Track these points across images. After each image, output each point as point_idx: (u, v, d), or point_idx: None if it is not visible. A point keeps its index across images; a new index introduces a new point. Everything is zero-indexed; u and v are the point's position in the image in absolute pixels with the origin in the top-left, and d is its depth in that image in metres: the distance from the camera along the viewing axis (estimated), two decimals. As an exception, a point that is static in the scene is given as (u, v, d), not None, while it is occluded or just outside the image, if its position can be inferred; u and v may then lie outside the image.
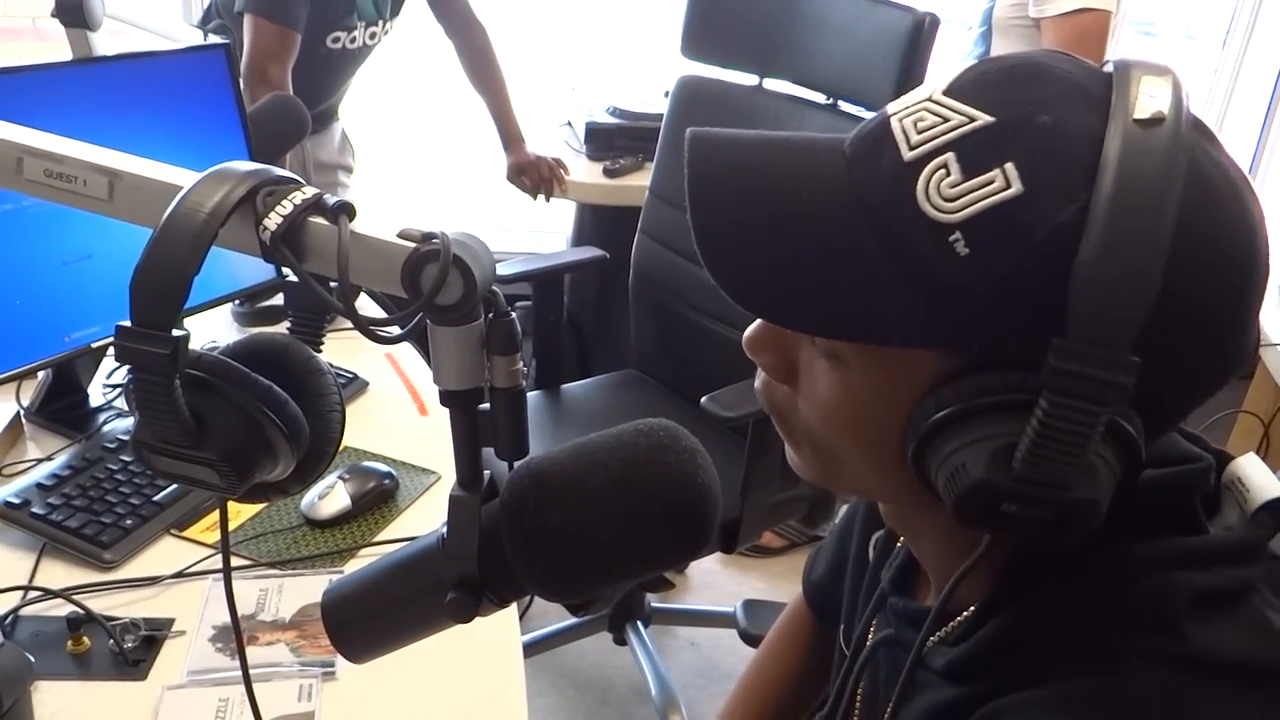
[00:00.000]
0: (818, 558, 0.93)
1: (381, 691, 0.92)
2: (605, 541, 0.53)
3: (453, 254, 0.51)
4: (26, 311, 1.16)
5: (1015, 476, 0.48)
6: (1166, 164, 0.47)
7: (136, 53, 1.32)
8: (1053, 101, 0.50)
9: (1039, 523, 0.49)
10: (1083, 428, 0.46)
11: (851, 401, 0.56)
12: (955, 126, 0.50)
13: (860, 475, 0.60)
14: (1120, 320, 0.46)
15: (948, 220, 0.49)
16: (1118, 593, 0.53)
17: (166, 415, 0.53)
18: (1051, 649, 0.53)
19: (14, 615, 0.96)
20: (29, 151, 0.56)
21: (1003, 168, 0.48)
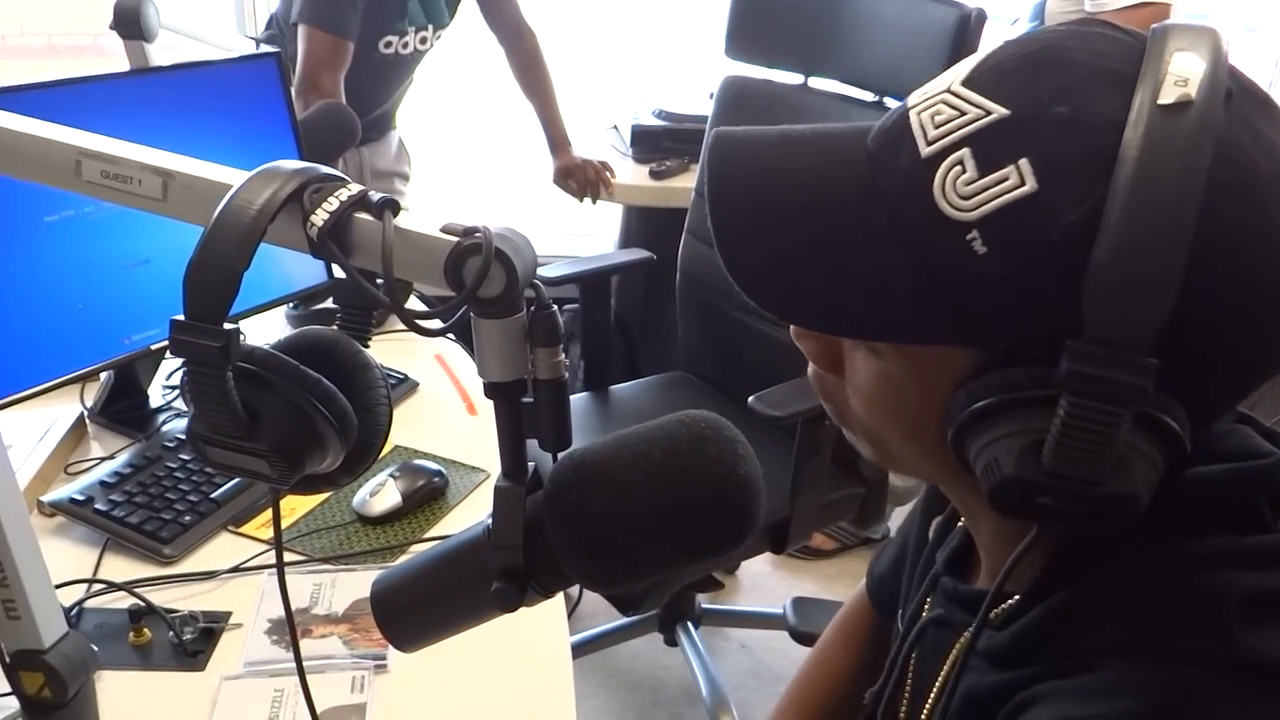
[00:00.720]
0: (884, 552, 0.93)
1: (432, 685, 0.94)
2: (647, 532, 0.53)
3: (495, 247, 0.52)
4: (89, 315, 1.20)
5: (1045, 471, 0.48)
6: (1190, 153, 0.45)
7: (190, 62, 1.36)
8: (1072, 90, 0.48)
9: (1077, 514, 0.49)
10: (1105, 426, 0.46)
11: (890, 391, 0.56)
12: (971, 120, 0.49)
13: (911, 459, 0.60)
14: (1136, 322, 0.45)
15: (964, 219, 0.48)
16: (1165, 588, 0.52)
17: (219, 407, 0.54)
18: (1093, 640, 0.53)
19: (79, 607, 0.99)
20: (86, 154, 0.58)
21: (1017, 164, 0.47)
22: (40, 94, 1.16)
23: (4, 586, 0.74)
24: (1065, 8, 2.11)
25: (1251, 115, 0.49)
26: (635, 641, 2.10)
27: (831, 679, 0.95)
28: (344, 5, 1.94)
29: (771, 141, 0.58)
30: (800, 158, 0.57)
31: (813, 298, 0.54)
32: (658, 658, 2.11)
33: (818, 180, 0.55)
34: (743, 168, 0.57)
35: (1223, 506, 0.54)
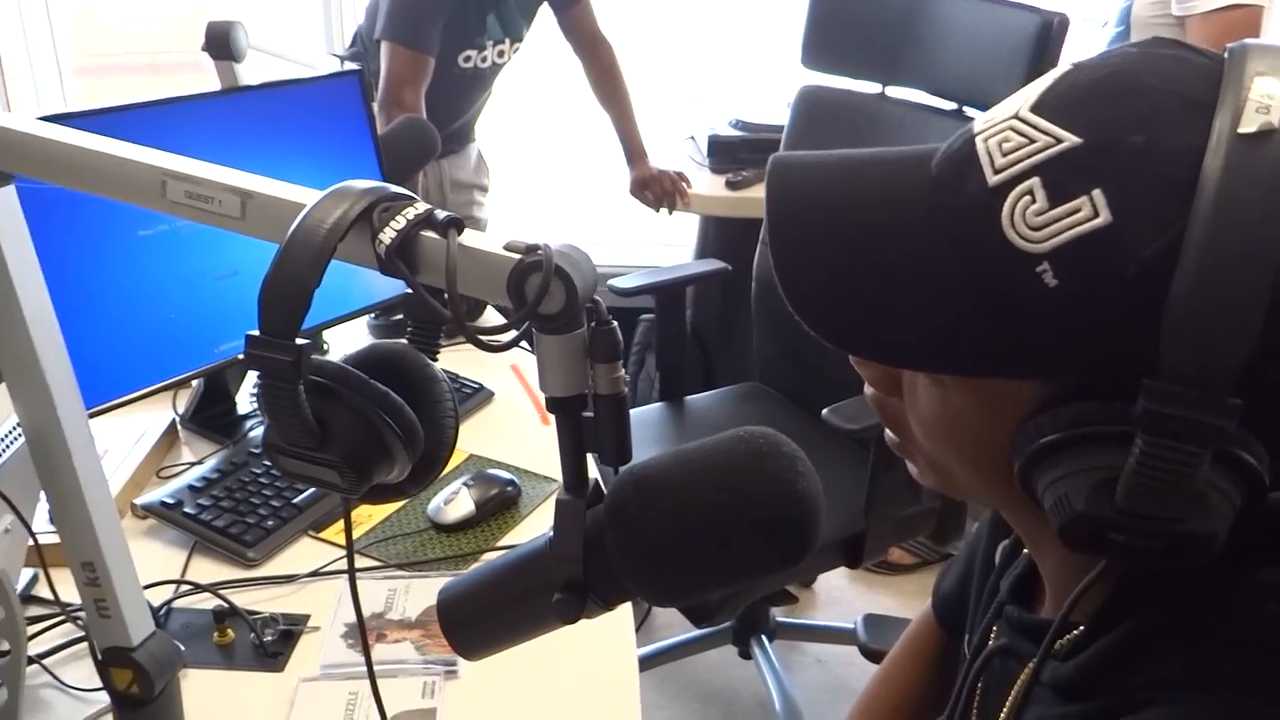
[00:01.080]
0: (949, 570, 0.92)
1: (500, 691, 0.95)
2: (704, 548, 0.53)
3: (555, 264, 0.52)
4: (180, 325, 1.25)
5: (1119, 509, 0.46)
6: (1273, 183, 0.43)
7: (276, 81, 1.40)
8: (1147, 118, 0.46)
9: (1150, 551, 0.48)
10: (1183, 467, 0.44)
11: (952, 420, 0.55)
12: (1041, 148, 0.48)
13: (973, 487, 0.59)
14: (1216, 362, 0.43)
15: (1035, 250, 0.47)
16: (1234, 619, 0.50)
17: (292, 419, 0.56)
18: (1159, 672, 0.51)
19: (167, 607, 1.04)
20: (171, 175, 0.61)
21: (1090, 195, 0.46)
22: (136, 113, 1.22)
23: (96, 587, 0.78)
24: (1152, 12, 2.05)
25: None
26: (710, 653, 2.09)
27: (898, 696, 0.94)
28: (425, 22, 1.98)
29: (831, 165, 0.57)
30: (861, 181, 0.56)
31: (872, 327, 0.53)
32: (732, 670, 2.10)
33: (879, 204, 0.54)
34: (802, 191, 0.56)
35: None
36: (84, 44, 4.49)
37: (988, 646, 0.69)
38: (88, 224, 1.16)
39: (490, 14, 2.12)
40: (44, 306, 0.72)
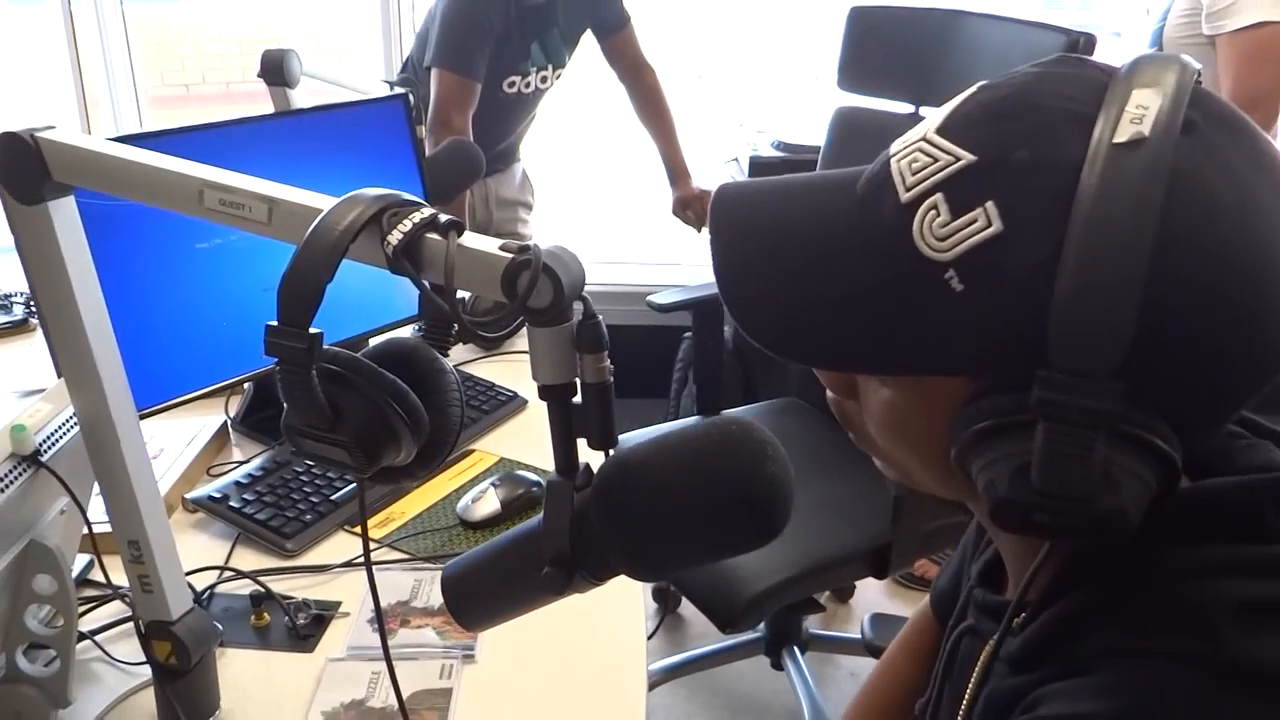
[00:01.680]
0: (946, 567, 0.95)
1: (514, 675, 1.00)
2: (678, 524, 0.58)
3: (543, 263, 0.58)
4: (233, 332, 1.33)
5: (1036, 491, 0.50)
6: (1143, 188, 0.47)
7: (325, 105, 1.49)
8: (1035, 133, 0.50)
9: (1075, 529, 0.51)
10: (1080, 449, 0.48)
11: (900, 417, 0.59)
12: (943, 167, 0.52)
13: (929, 481, 0.63)
14: (1098, 351, 0.47)
15: (942, 259, 0.51)
16: (1162, 594, 0.53)
17: (306, 401, 0.62)
18: (1093, 643, 0.54)
19: (210, 591, 1.11)
20: (208, 184, 0.68)
21: (984, 206, 0.50)
22: (195, 135, 1.31)
23: (140, 564, 0.85)
24: (1183, 32, 2.05)
25: (1218, 143, 0.50)
26: (741, 663, 2.12)
27: (895, 687, 0.96)
28: (472, 49, 2.07)
29: (767, 191, 0.62)
30: (795, 204, 0.61)
31: (812, 337, 0.58)
32: (764, 681, 2.12)
33: (811, 225, 0.59)
34: (740, 216, 0.61)
35: (1228, 517, 0.55)
36: (163, 74, 4.71)
37: (959, 628, 0.73)
38: (149, 238, 1.25)
39: (534, 42, 2.21)
40: (99, 309, 0.80)
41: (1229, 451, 0.60)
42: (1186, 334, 0.49)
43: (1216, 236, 0.48)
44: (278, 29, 5.07)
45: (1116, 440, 0.49)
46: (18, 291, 1.86)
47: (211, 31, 5.07)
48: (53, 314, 0.79)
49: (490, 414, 1.49)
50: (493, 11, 2.09)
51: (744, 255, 0.60)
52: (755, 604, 1.57)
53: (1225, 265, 0.48)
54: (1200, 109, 0.50)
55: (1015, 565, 0.66)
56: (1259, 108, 1.98)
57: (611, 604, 1.10)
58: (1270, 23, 1.91)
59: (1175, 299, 0.48)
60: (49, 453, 0.85)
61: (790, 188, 0.63)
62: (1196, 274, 0.48)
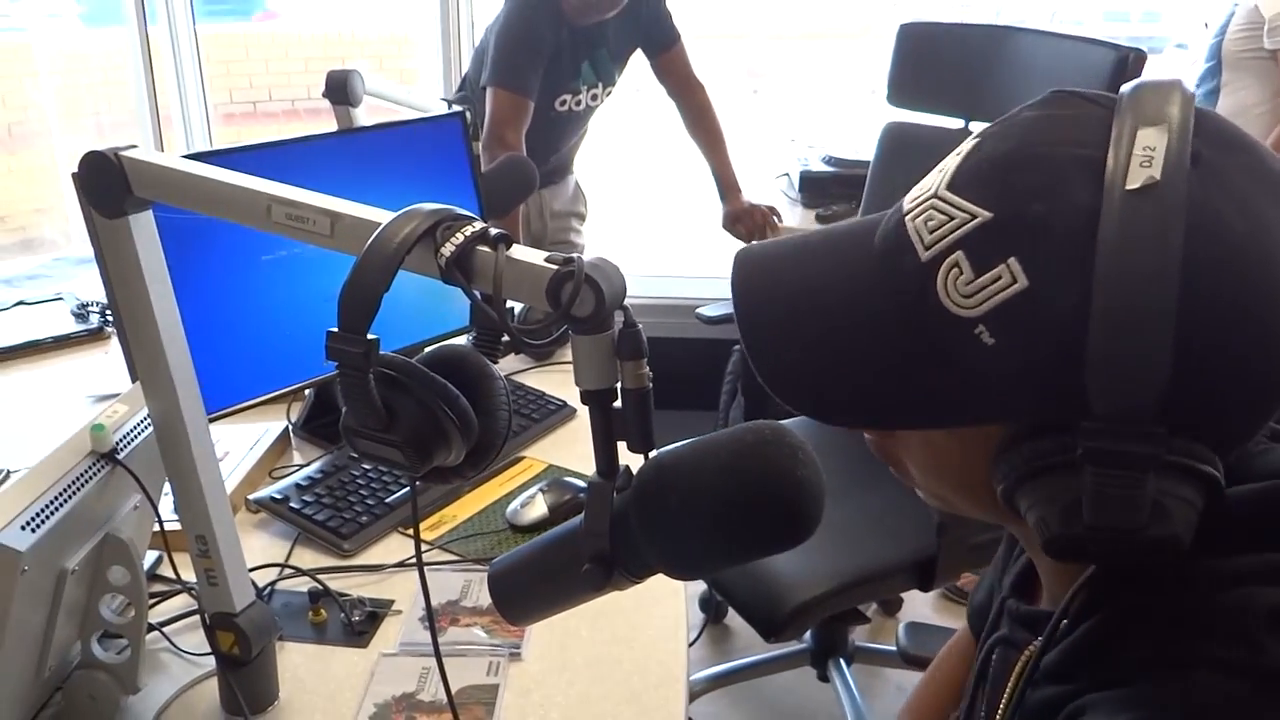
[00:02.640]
0: (981, 582, 0.95)
1: (558, 674, 1.03)
2: (714, 522, 0.60)
3: (586, 274, 0.61)
4: (297, 340, 1.39)
5: (1088, 526, 0.51)
6: (1161, 235, 0.48)
7: (387, 123, 1.55)
8: (1049, 185, 0.51)
9: (1128, 557, 0.52)
10: (1130, 489, 0.49)
11: (939, 459, 0.61)
12: (960, 224, 0.53)
13: (970, 509, 0.64)
14: (1136, 400, 0.48)
15: (970, 315, 0.52)
16: (1196, 604, 0.54)
17: (363, 403, 0.66)
18: (1132, 654, 0.55)
19: (271, 587, 1.16)
20: (275, 200, 0.72)
21: (1007, 263, 0.51)
22: (263, 153, 1.37)
23: (206, 558, 0.90)
24: (1243, 46, 2.03)
25: (1226, 170, 0.51)
26: (787, 674, 2.13)
27: (938, 703, 0.97)
28: (526, 68, 2.13)
29: (786, 254, 0.64)
30: (817, 269, 0.62)
31: (844, 396, 0.59)
32: (811, 692, 2.13)
33: (837, 292, 0.60)
34: (762, 284, 0.63)
35: (1254, 524, 0.56)
36: (231, 92, 4.87)
37: (992, 638, 0.74)
38: (219, 250, 1.31)
39: (584, 61, 2.26)
40: (173, 316, 0.85)
41: (1246, 457, 0.60)
42: (1218, 366, 0.50)
43: (1236, 267, 0.49)
44: (342, 47, 5.21)
45: (1162, 472, 0.50)
46: (94, 301, 1.94)
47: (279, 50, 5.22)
48: (130, 321, 0.84)
49: (540, 422, 1.52)
50: (545, 33, 2.15)
51: (772, 325, 0.61)
52: (799, 614, 1.58)
53: (1248, 293, 0.49)
54: (1203, 136, 0.51)
55: (1050, 577, 0.67)
56: None
57: (654, 609, 1.13)
58: None
59: (1204, 334, 0.49)
60: (125, 451, 0.90)
61: (809, 247, 0.64)
62: (1221, 307, 0.49)
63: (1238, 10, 2.07)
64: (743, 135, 2.61)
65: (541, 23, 2.15)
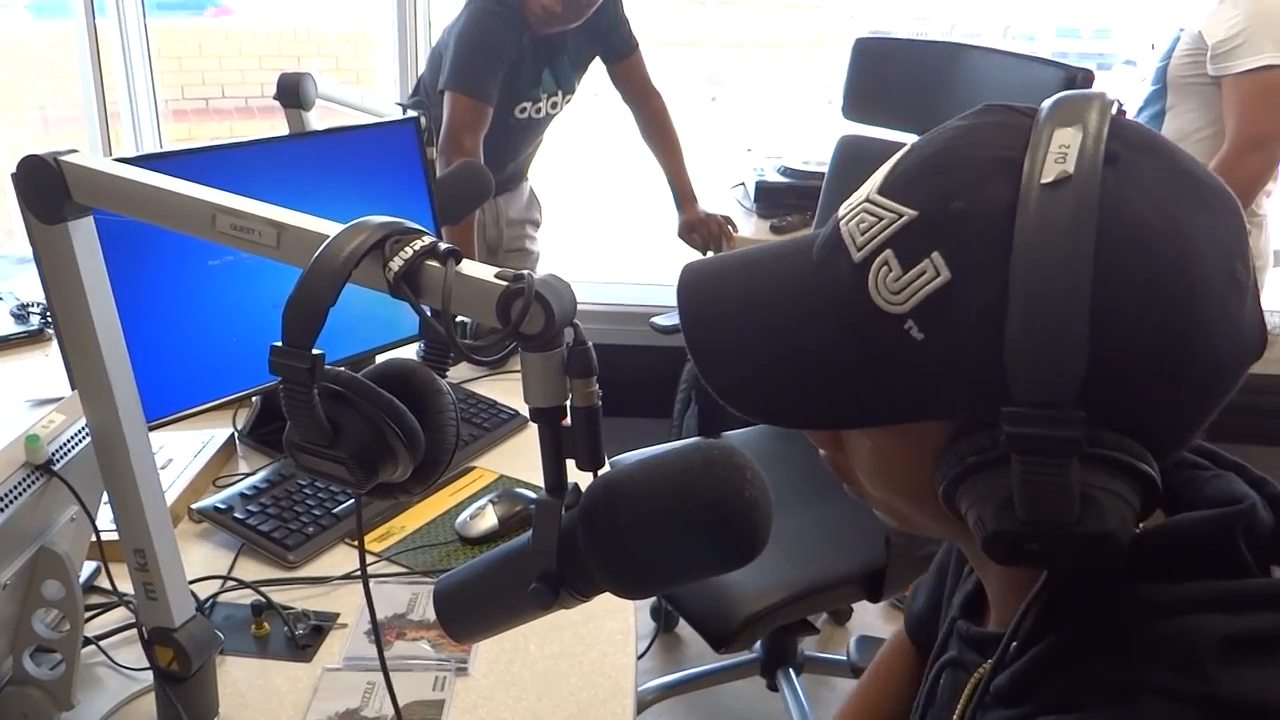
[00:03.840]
0: (918, 591, 0.96)
1: (505, 688, 1.03)
2: (661, 542, 0.60)
3: (536, 291, 0.61)
4: (244, 346, 1.36)
5: (1023, 521, 0.52)
6: (1074, 225, 0.49)
7: (339, 128, 1.53)
8: (969, 184, 0.53)
9: (1066, 555, 0.53)
10: (1055, 477, 0.50)
11: (885, 463, 0.61)
12: (888, 224, 0.55)
13: (923, 522, 0.64)
14: (1056, 384, 0.49)
15: (900, 311, 0.54)
16: (1148, 630, 0.55)
17: (307, 418, 0.65)
18: (1083, 678, 0.56)
19: (213, 600, 1.14)
20: (220, 209, 0.71)
21: (931, 258, 0.52)
22: (212, 155, 1.35)
23: (145, 571, 0.88)
24: (1188, 71, 2.08)
25: (1143, 170, 0.52)
26: (738, 683, 2.13)
27: (872, 711, 0.98)
28: (485, 74, 2.11)
29: (733, 269, 0.65)
30: (759, 278, 0.63)
31: (789, 400, 0.60)
32: (760, 702, 2.14)
33: (777, 296, 0.61)
34: (707, 297, 0.64)
35: (1204, 551, 0.57)
36: (183, 88, 4.79)
37: (940, 660, 0.75)
38: (163, 254, 1.28)
39: (545, 69, 2.25)
40: (113, 324, 0.83)
41: (1195, 483, 0.62)
42: (1136, 357, 0.51)
43: (1150, 263, 0.50)
44: (298, 45, 5.15)
45: (1090, 464, 0.50)
46: (34, 302, 1.90)
47: (232, 47, 5.15)
48: (68, 328, 0.82)
49: (491, 432, 1.51)
50: (506, 39, 2.14)
51: (715, 332, 0.62)
52: (749, 625, 1.59)
53: (1161, 281, 0.50)
54: (1120, 139, 0.52)
55: (999, 598, 0.68)
56: (1264, 148, 2.01)
57: (603, 623, 1.12)
58: (1275, 66, 1.94)
59: (1120, 325, 0.50)
60: (61, 462, 0.88)
61: (752, 260, 0.65)
62: (1135, 294, 0.50)
63: (1183, 35, 2.11)
64: (701, 144, 2.62)
65: (503, 29, 2.14)
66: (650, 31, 2.45)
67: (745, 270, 0.65)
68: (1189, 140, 2.14)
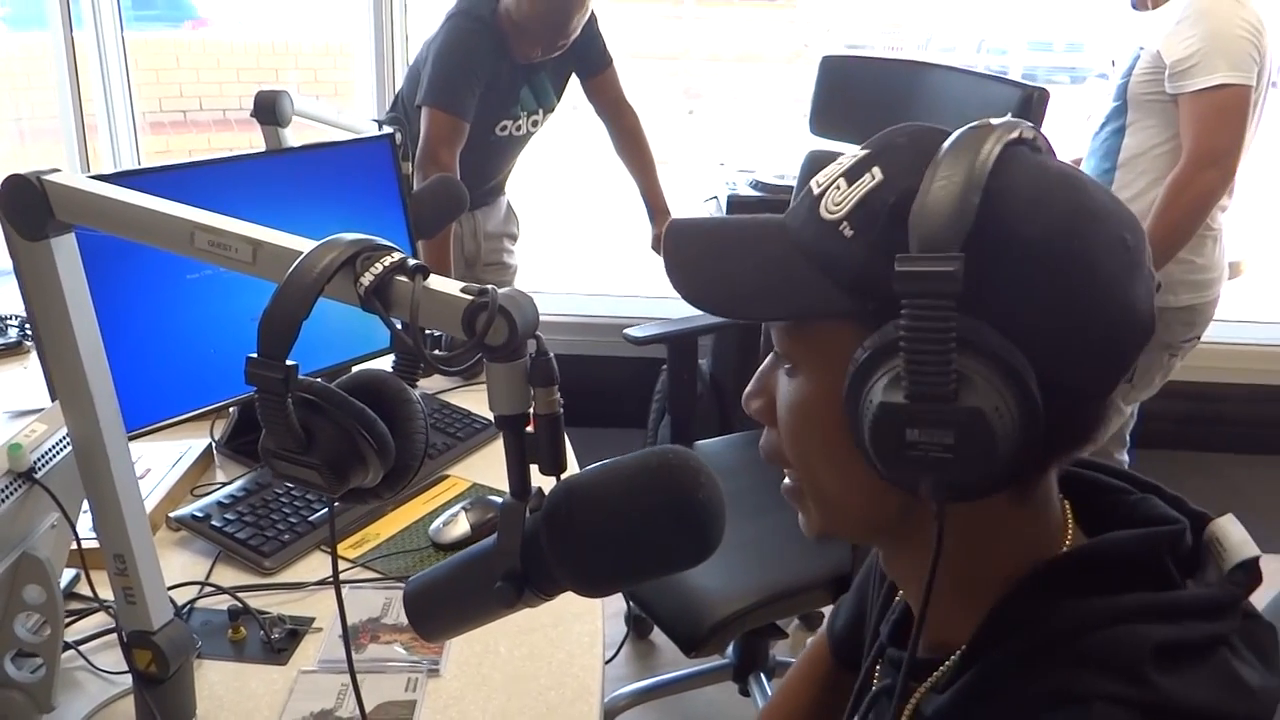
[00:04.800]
0: (840, 608, 0.98)
1: (476, 689, 1.06)
2: (619, 540, 0.64)
3: (500, 305, 0.64)
4: (221, 358, 1.39)
5: (906, 395, 0.57)
6: (983, 150, 0.58)
7: (316, 144, 1.56)
8: (913, 132, 0.64)
9: (945, 457, 0.57)
10: (938, 323, 0.55)
11: (807, 401, 0.66)
12: (846, 163, 0.65)
13: (842, 500, 0.68)
14: (943, 231, 0.56)
15: (838, 216, 0.62)
16: (1083, 642, 0.59)
17: (282, 427, 0.68)
18: (1024, 693, 0.59)
19: (190, 606, 1.16)
20: (198, 227, 0.74)
21: (871, 170, 0.62)
22: (190, 172, 1.38)
23: (125, 576, 0.91)
24: (1147, 89, 2.14)
25: (1054, 160, 0.63)
26: (710, 689, 2.17)
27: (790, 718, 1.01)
28: (463, 90, 2.15)
29: (712, 218, 0.73)
30: (736, 225, 0.73)
31: (746, 299, 0.68)
32: (732, 707, 2.17)
33: (745, 229, 0.72)
34: (690, 232, 0.72)
35: (1136, 567, 0.62)
36: (161, 100, 4.79)
37: (871, 689, 0.78)
38: (143, 267, 1.31)
39: (523, 87, 2.29)
40: (94, 338, 0.86)
41: (1122, 506, 0.68)
42: (1018, 258, 0.57)
43: (1042, 183, 0.59)
44: (275, 58, 5.16)
45: (966, 349, 0.55)
46: (12, 315, 1.91)
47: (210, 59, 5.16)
48: (50, 341, 0.85)
49: (464, 441, 1.55)
50: (485, 57, 2.18)
51: (692, 258, 0.70)
52: (719, 629, 1.62)
53: (1048, 209, 0.58)
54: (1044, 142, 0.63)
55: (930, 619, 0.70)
56: (1218, 164, 2.08)
57: (572, 626, 1.16)
58: (1229, 85, 2.01)
59: (1004, 230, 0.57)
60: (43, 470, 0.90)
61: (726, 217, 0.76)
62: (1024, 215, 0.58)
63: (1142, 54, 2.17)
64: (678, 157, 2.66)
65: (481, 46, 2.18)
66: (628, 45, 2.50)
67: (722, 219, 0.76)
68: (1149, 155, 2.20)
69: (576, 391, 0.67)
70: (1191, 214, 2.12)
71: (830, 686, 0.99)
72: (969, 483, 0.58)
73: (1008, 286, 0.57)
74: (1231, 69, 2.03)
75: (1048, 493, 0.66)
